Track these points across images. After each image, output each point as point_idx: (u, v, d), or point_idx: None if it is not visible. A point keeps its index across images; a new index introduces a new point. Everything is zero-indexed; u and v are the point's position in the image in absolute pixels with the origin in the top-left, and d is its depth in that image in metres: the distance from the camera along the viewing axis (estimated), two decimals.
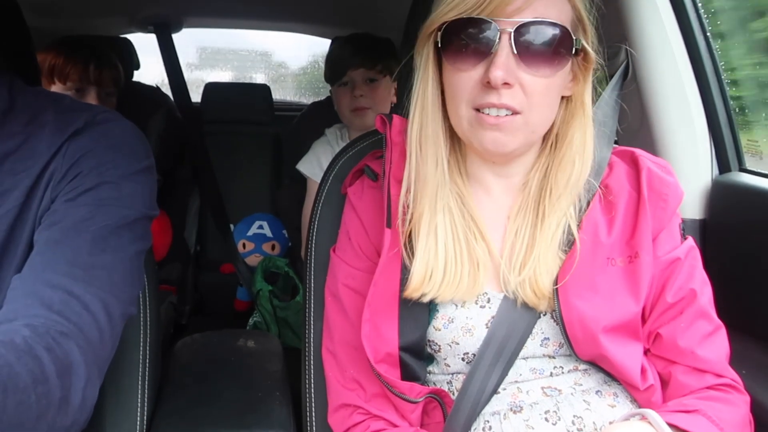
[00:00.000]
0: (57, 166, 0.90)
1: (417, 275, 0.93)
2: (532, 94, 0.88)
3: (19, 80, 0.98)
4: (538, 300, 0.93)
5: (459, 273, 0.94)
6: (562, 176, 0.95)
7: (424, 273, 0.93)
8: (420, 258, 0.93)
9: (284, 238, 2.60)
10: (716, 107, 1.34)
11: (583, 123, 0.95)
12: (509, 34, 0.86)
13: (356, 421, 0.99)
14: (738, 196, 1.29)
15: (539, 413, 0.93)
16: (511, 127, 0.89)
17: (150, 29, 2.69)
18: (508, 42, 0.86)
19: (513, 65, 0.87)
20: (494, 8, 0.86)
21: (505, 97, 0.88)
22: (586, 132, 0.95)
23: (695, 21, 1.33)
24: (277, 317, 2.28)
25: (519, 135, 0.91)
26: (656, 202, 0.95)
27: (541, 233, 0.94)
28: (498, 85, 0.86)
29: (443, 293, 0.94)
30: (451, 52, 0.91)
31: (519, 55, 0.87)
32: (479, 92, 0.89)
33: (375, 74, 1.99)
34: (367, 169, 1.06)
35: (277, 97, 3.29)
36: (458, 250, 0.95)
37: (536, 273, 0.93)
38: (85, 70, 1.96)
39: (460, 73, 0.90)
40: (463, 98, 0.91)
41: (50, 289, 0.81)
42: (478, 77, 0.89)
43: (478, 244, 0.96)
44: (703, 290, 0.96)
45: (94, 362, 0.81)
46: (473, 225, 0.97)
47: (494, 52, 0.87)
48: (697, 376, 0.94)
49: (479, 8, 0.86)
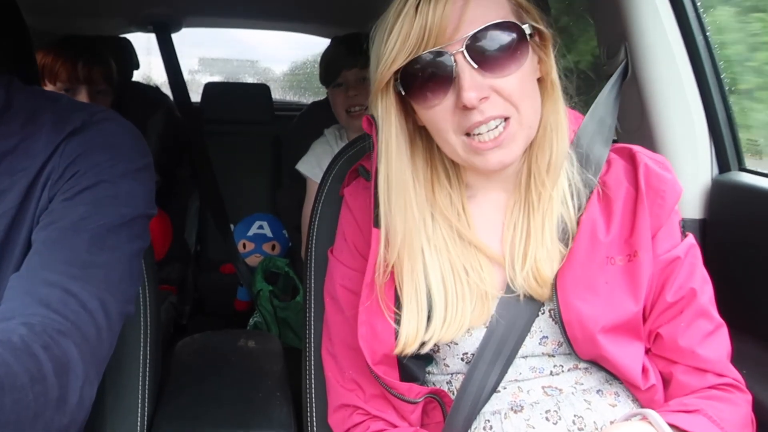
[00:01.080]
0: (55, 165, 0.90)
1: (408, 335, 0.91)
2: (510, 95, 0.88)
3: (18, 80, 0.98)
4: (542, 289, 0.92)
5: (461, 310, 0.93)
6: (543, 158, 0.94)
7: (416, 330, 0.92)
8: (407, 316, 0.92)
9: (284, 238, 2.60)
10: (716, 106, 1.34)
11: (555, 101, 0.95)
12: (461, 53, 0.85)
13: (356, 421, 0.99)
14: (738, 196, 1.29)
15: (540, 413, 0.93)
16: (508, 138, 0.89)
17: (149, 29, 2.70)
18: (465, 61, 0.86)
19: (479, 79, 0.86)
20: (436, 37, 0.85)
21: (488, 110, 0.87)
22: (559, 110, 0.95)
23: (694, 20, 1.32)
24: (278, 317, 2.28)
25: (519, 139, 0.90)
26: (654, 198, 0.94)
27: (534, 220, 0.94)
28: (475, 104, 0.86)
29: (445, 336, 0.92)
30: (416, 93, 0.90)
31: (480, 67, 0.86)
32: (461, 117, 0.88)
33: (368, 73, 1.98)
34: (362, 168, 1.06)
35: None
36: (459, 286, 0.94)
37: (537, 261, 0.92)
38: (73, 69, 1.94)
39: (433, 108, 0.89)
40: (448, 129, 0.90)
41: (48, 288, 0.81)
42: (452, 104, 0.88)
43: (482, 264, 0.95)
44: (704, 289, 0.96)
45: (91, 361, 0.81)
46: (471, 248, 0.96)
47: (456, 76, 0.86)
48: (698, 376, 0.94)
49: (423, 44, 0.86)
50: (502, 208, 0.99)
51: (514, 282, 0.94)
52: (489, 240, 0.97)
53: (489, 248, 0.97)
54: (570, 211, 0.95)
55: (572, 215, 0.95)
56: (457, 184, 1.00)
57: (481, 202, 1.00)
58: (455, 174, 1.00)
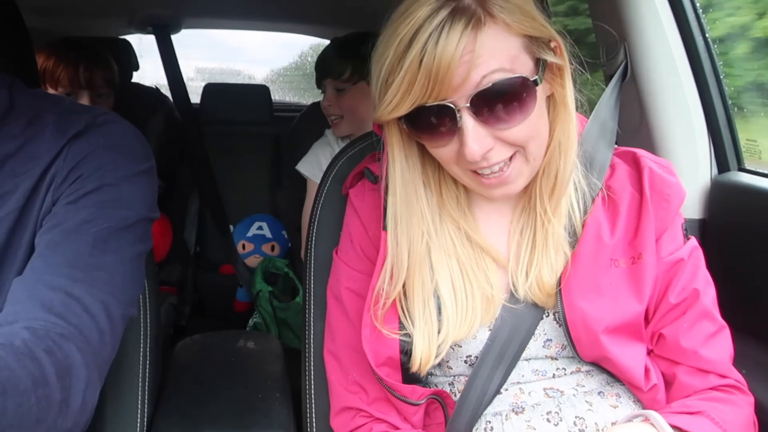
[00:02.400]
0: (58, 168, 0.90)
1: (422, 354, 0.92)
2: (515, 141, 0.87)
3: (20, 82, 0.98)
4: (546, 298, 0.93)
5: (471, 311, 0.93)
6: (550, 175, 0.94)
7: (429, 345, 0.92)
8: (420, 334, 0.92)
9: (284, 238, 2.60)
10: (715, 107, 1.34)
11: (566, 119, 0.93)
12: (467, 108, 0.83)
13: (359, 424, 0.99)
14: (737, 196, 1.29)
15: (541, 414, 0.93)
16: (513, 173, 0.89)
17: (149, 30, 2.70)
18: (470, 115, 0.84)
19: (483, 133, 0.84)
20: (440, 90, 0.81)
21: (493, 157, 0.86)
22: (570, 128, 0.94)
23: (694, 21, 1.33)
24: (277, 318, 2.28)
25: (525, 173, 0.90)
26: (659, 202, 0.94)
27: (542, 229, 0.94)
28: (477, 159, 0.85)
29: (456, 336, 0.93)
30: (421, 134, 0.89)
31: (485, 123, 0.84)
32: (466, 160, 0.86)
33: (341, 84, 1.96)
34: (367, 171, 1.05)
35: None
36: (468, 288, 0.94)
37: (541, 270, 0.92)
38: (75, 73, 1.92)
39: (439, 148, 0.89)
40: (452, 165, 0.90)
41: (50, 291, 0.81)
42: (457, 148, 0.87)
43: (489, 266, 0.95)
44: (707, 290, 0.96)
45: (94, 364, 0.81)
46: (478, 250, 0.96)
47: (461, 127, 0.84)
48: (700, 377, 0.94)
49: (427, 96, 0.82)
50: (508, 214, 0.99)
51: (517, 288, 0.94)
52: (494, 244, 0.98)
53: (495, 250, 0.97)
54: (576, 214, 0.95)
55: (578, 218, 0.95)
56: (463, 186, 0.99)
57: (486, 208, 1.00)
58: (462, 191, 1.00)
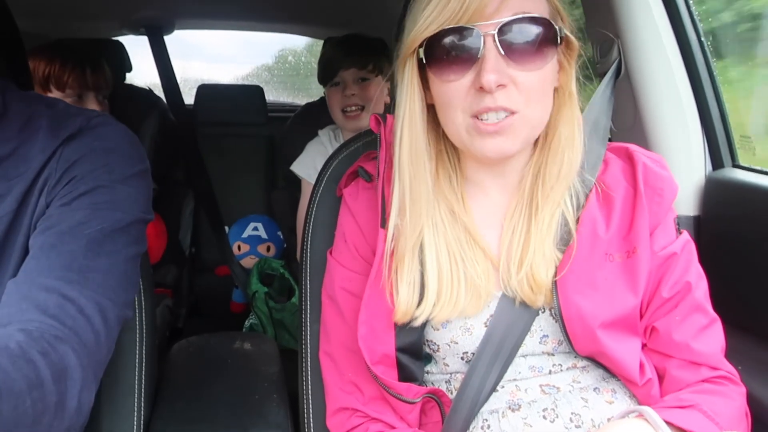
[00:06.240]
0: (51, 170, 0.90)
1: (403, 302, 0.93)
2: (526, 91, 0.88)
3: (13, 85, 0.98)
4: (535, 296, 0.93)
5: (455, 293, 0.93)
6: (554, 169, 0.94)
7: (410, 298, 0.93)
8: (405, 282, 0.93)
9: (279, 239, 2.60)
10: (708, 103, 1.34)
11: (570, 113, 0.95)
12: (492, 36, 0.86)
13: (355, 424, 0.99)
14: (731, 192, 1.30)
15: (537, 411, 0.93)
16: (511, 129, 0.89)
17: (142, 31, 2.69)
18: (494, 44, 0.86)
19: (503, 66, 0.87)
20: (473, 13, 0.85)
21: (501, 98, 0.87)
22: (574, 122, 0.95)
23: (687, 17, 1.33)
24: (273, 319, 2.28)
25: (520, 135, 0.90)
26: (652, 196, 0.95)
27: (536, 226, 0.94)
28: (492, 88, 0.86)
29: (438, 315, 0.93)
30: (437, 65, 0.90)
31: (506, 55, 0.86)
32: (473, 98, 0.88)
33: (366, 74, 2.00)
34: (361, 170, 1.06)
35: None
36: (454, 270, 0.94)
37: (533, 267, 0.92)
38: (82, 76, 1.93)
39: (449, 83, 0.89)
40: (457, 107, 0.90)
41: (45, 293, 0.81)
42: (469, 84, 0.88)
43: (477, 257, 0.95)
44: (699, 284, 0.96)
45: (89, 366, 0.81)
46: (468, 238, 0.96)
47: (481, 57, 0.86)
48: (692, 370, 0.94)
49: (458, 17, 0.85)
50: (503, 210, 0.99)
51: (508, 285, 0.94)
52: (487, 237, 0.98)
53: (485, 242, 0.97)
54: (570, 210, 0.95)
55: (572, 213, 0.95)
56: (458, 169, 1.00)
57: (481, 201, 1.00)
58: (456, 159, 1.01)
